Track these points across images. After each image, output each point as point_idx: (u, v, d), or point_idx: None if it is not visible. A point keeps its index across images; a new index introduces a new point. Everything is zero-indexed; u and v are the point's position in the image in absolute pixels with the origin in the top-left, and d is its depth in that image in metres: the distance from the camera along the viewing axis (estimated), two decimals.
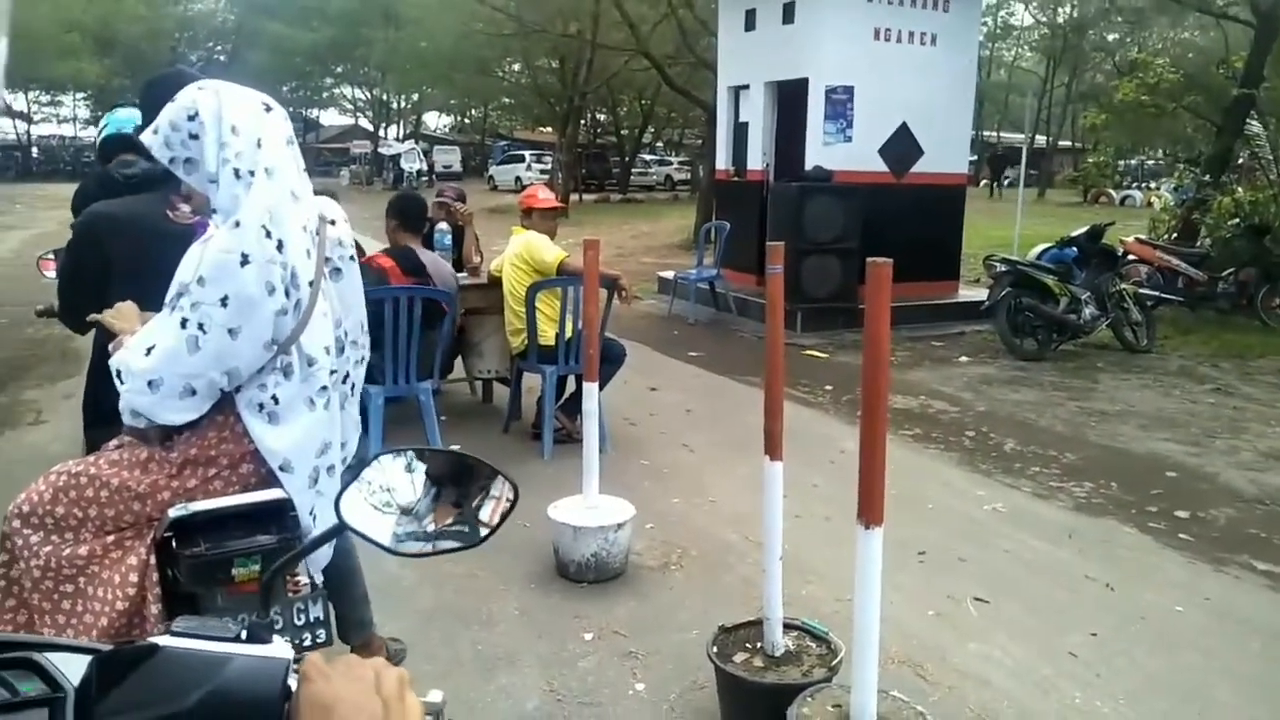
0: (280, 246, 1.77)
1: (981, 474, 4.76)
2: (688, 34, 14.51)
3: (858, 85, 8.58)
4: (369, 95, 45.68)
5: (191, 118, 1.76)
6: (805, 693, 2.22)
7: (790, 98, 9.07)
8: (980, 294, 9.46)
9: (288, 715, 0.66)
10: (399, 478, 0.97)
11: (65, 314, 2.54)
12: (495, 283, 5.04)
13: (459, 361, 5.51)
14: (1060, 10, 31.30)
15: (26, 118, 49.87)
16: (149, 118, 1.90)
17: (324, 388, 1.90)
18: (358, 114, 48.90)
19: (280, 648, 0.70)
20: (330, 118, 52.75)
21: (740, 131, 9.75)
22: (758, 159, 9.42)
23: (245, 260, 1.72)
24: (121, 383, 1.78)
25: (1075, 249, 7.97)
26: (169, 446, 1.84)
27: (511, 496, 1.00)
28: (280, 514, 1.77)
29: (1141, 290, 8.23)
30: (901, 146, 8.89)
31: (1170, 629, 3.18)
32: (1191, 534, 3.98)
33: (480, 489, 1.00)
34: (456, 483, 1.00)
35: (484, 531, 1.00)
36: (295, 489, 1.84)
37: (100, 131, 3.44)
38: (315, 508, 1.89)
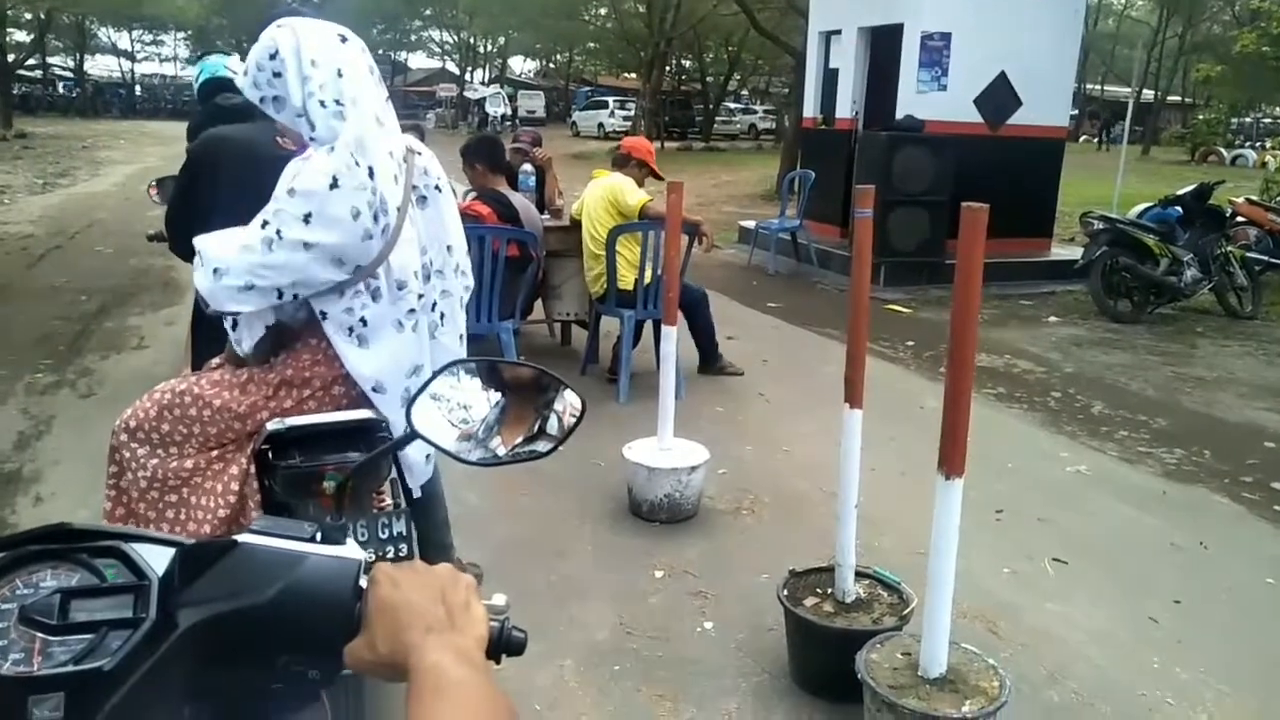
0: (371, 173, 1.81)
1: (1066, 435, 4.64)
2: None
3: (955, 31, 8.25)
4: (456, 39, 45.80)
5: (273, 56, 1.82)
6: (875, 639, 2.22)
7: (884, 44, 8.79)
8: (1075, 253, 9.11)
9: (358, 614, 0.68)
10: (468, 387, 0.98)
11: (173, 238, 2.66)
12: (576, 225, 5.06)
13: (539, 303, 5.57)
14: None
15: (130, 56, 51.49)
16: None
17: (411, 310, 1.94)
18: (445, 57, 49.17)
19: (353, 549, 0.72)
20: (418, 60, 53.26)
21: (830, 78, 9.50)
22: (847, 107, 9.17)
23: (335, 184, 1.78)
24: (200, 265, 1.85)
25: (1180, 209, 7.59)
26: (267, 368, 1.93)
27: (579, 407, 0.99)
28: (370, 433, 1.81)
29: (1250, 254, 7.80)
30: (999, 96, 8.54)
31: (1259, 601, 3.08)
32: None
33: (547, 401, 1.00)
34: (524, 393, 1.01)
35: (550, 444, 1.01)
36: (389, 409, 1.89)
37: (197, 78, 3.61)
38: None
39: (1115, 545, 3.45)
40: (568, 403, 1.00)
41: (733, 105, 37.67)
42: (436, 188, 2.01)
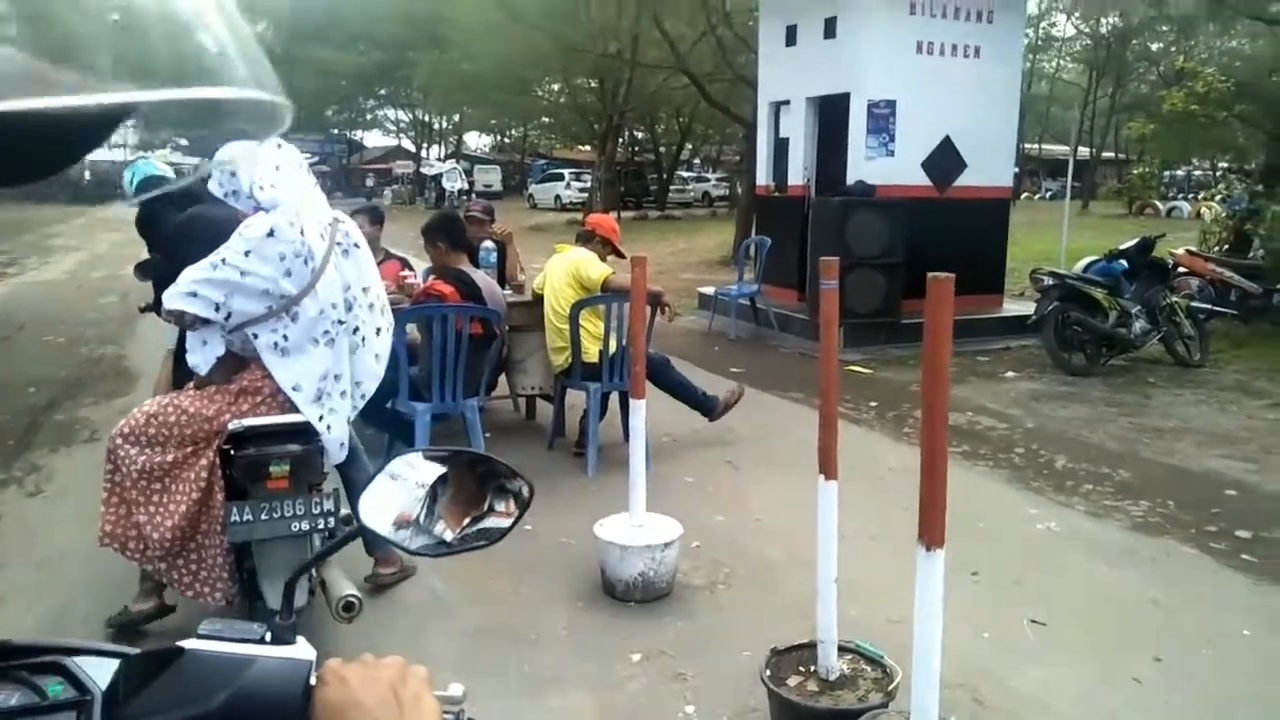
0: (302, 231, 2.60)
1: (1033, 491, 4.66)
2: (727, 50, 14.52)
3: (900, 99, 8.51)
4: (411, 117, 46.36)
5: (229, 164, 2.58)
6: (862, 718, 2.17)
7: (832, 112, 9.03)
8: (1026, 308, 9.30)
9: (308, 716, 0.67)
10: (415, 477, 0.98)
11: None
12: (539, 300, 5.06)
13: (503, 378, 5.53)
14: (1104, 21, 30.91)
15: None
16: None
17: (327, 331, 2.64)
18: (400, 135, 49.67)
19: (303, 649, 0.71)
20: (374, 139, 53.65)
21: (781, 147, 9.72)
22: (799, 174, 9.38)
23: (272, 234, 2.57)
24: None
25: (1124, 261, 7.80)
26: (229, 382, 2.65)
27: (527, 495, 0.98)
28: (306, 432, 2.64)
29: (1194, 304, 8.03)
30: (945, 160, 8.80)
31: (1240, 654, 3.07)
32: (1255, 554, 3.86)
33: (497, 487, 1.00)
34: (472, 481, 1.00)
35: (498, 531, 0.99)
36: (303, 402, 2.61)
37: (130, 180, 4.10)
38: (324, 417, 2.66)
39: (1092, 603, 3.44)
40: (518, 488, 0.99)
41: (685, 174, 38.35)
42: (355, 245, 2.79)
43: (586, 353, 4.72)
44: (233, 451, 2.58)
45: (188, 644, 0.69)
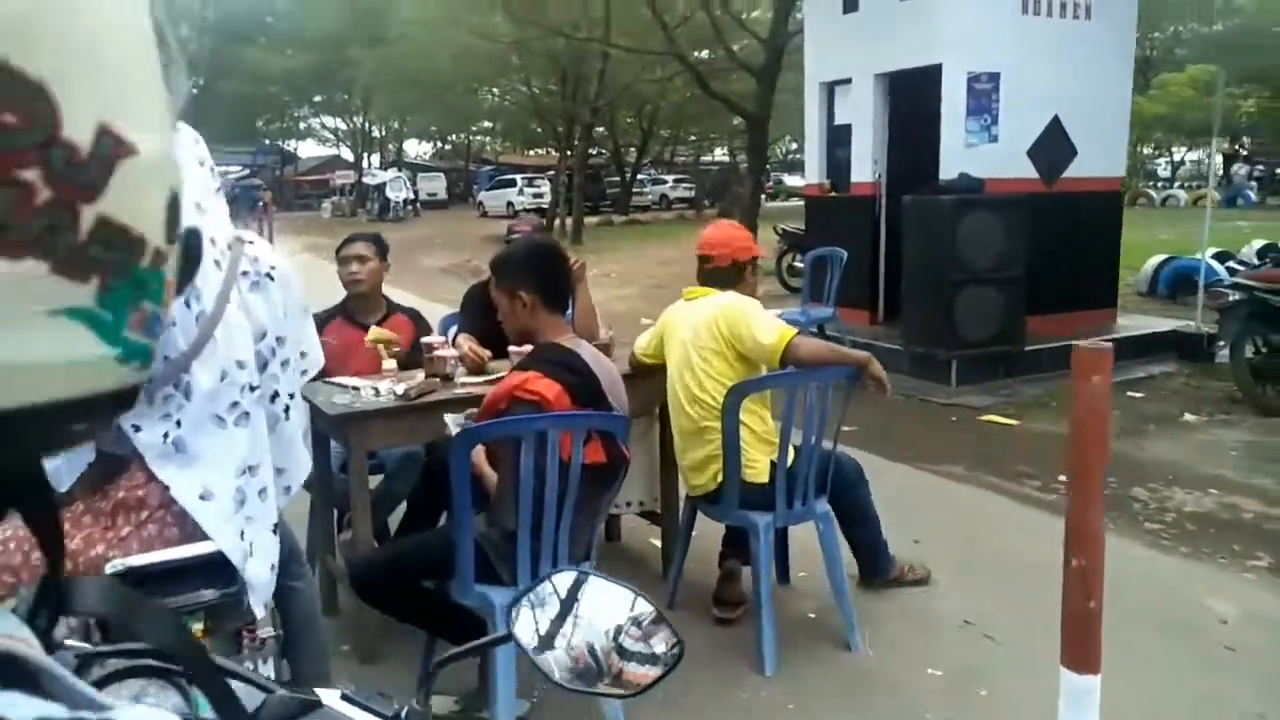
0: None
1: None
2: (722, 32, 12.79)
3: (1004, 71, 6.81)
4: (349, 124, 43.79)
5: None
6: None
7: (910, 91, 7.31)
8: (1146, 323, 7.74)
9: None
10: (573, 601, 0.87)
11: None
12: (640, 374, 3.21)
13: None
14: None
15: None
16: None
17: (235, 403, 1.75)
18: (339, 144, 47.01)
19: None
20: (308, 149, 50.85)
21: (838, 136, 7.96)
22: (866, 169, 7.62)
23: None
24: None
25: None
26: (99, 496, 1.73)
27: (677, 653, 0.84)
28: (222, 565, 1.68)
29: None
30: (1053, 146, 7.11)
31: None
32: None
33: (647, 636, 0.86)
34: (625, 621, 0.86)
35: (638, 686, 0.86)
36: (216, 518, 1.69)
37: None
38: (245, 533, 1.73)
39: None
40: (663, 638, 0.85)
41: (641, 176, 36.64)
42: (268, 275, 1.86)
43: (751, 467, 2.86)
44: None
45: (327, 699, 0.67)
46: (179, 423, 1.72)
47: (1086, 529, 1.54)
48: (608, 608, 0.87)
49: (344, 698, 0.69)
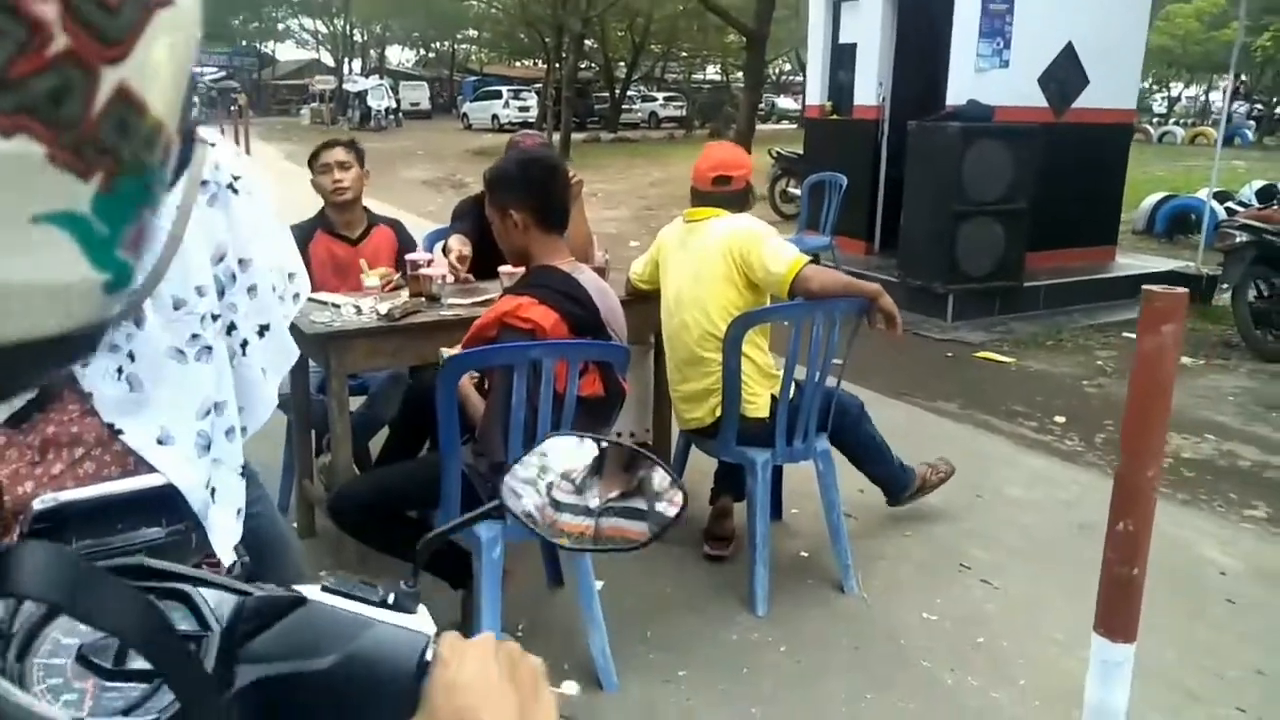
0: None
1: None
2: None
3: None
4: (330, 27, 42.25)
5: None
6: None
7: (919, 9, 7.00)
8: (1145, 263, 7.62)
9: (419, 692, 0.60)
10: (565, 460, 0.81)
11: None
12: (636, 299, 3.05)
13: None
14: None
15: None
16: None
17: (196, 335, 1.52)
18: (318, 48, 45.46)
19: (424, 621, 0.66)
20: (287, 52, 49.15)
21: (841, 56, 7.65)
22: (870, 91, 7.35)
23: None
24: None
25: None
26: (26, 428, 1.48)
27: (679, 500, 0.80)
28: (171, 499, 1.12)
29: None
30: (1065, 73, 6.85)
31: None
32: None
33: (650, 489, 0.82)
34: (626, 475, 0.83)
35: (643, 536, 0.83)
36: (180, 460, 1.48)
37: None
38: (213, 480, 1.54)
39: None
40: (666, 489, 0.81)
41: (631, 93, 35.76)
42: (230, 187, 1.57)
43: (751, 402, 2.73)
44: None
45: (311, 594, 0.63)
46: (131, 355, 1.50)
47: (1140, 491, 1.42)
48: (602, 467, 0.84)
49: (325, 589, 0.66)
